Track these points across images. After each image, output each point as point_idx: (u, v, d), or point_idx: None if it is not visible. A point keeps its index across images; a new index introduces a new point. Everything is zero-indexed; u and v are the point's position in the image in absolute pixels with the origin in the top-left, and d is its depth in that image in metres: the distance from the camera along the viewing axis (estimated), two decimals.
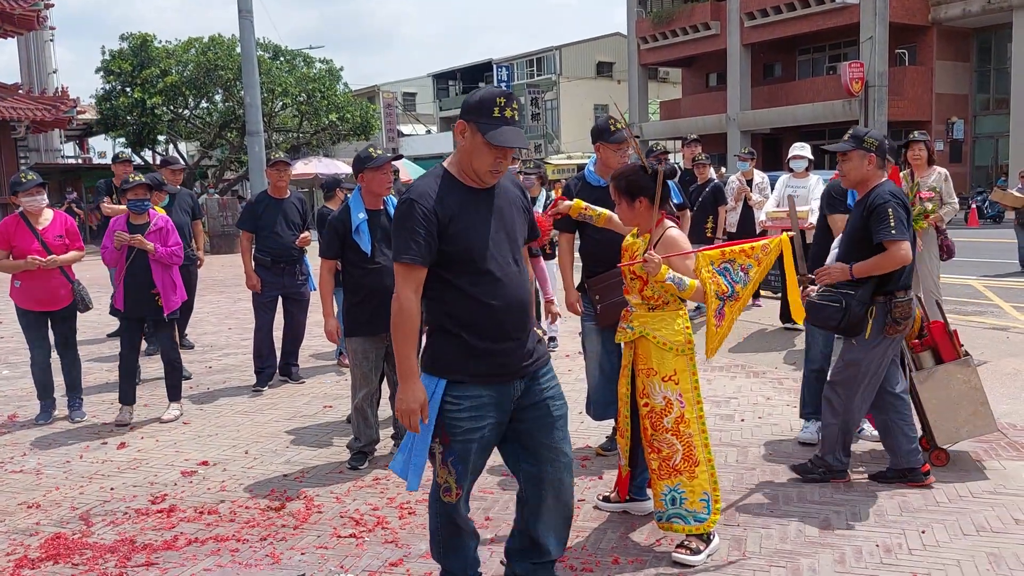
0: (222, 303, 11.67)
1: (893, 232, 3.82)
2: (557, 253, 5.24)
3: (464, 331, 2.71)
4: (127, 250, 5.56)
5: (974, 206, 21.89)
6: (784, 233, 3.71)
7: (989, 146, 28.98)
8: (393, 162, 4.76)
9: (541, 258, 5.34)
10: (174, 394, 5.90)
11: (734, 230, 8.65)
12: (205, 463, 4.86)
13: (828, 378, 4.28)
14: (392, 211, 4.72)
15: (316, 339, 8.05)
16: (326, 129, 30.30)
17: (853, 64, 26.31)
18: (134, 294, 5.62)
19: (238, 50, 20.68)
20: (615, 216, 3.87)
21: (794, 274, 3.82)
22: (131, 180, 5.69)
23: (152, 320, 5.81)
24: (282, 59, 30.26)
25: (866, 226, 3.93)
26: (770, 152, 30.24)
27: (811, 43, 31.33)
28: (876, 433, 4.73)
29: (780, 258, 3.64)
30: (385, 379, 4.87)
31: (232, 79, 27.36)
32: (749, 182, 8.82)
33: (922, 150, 6.97)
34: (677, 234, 3.60)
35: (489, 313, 2.70)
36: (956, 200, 7.10)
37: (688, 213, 6.95)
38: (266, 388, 6.61)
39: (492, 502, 4.10)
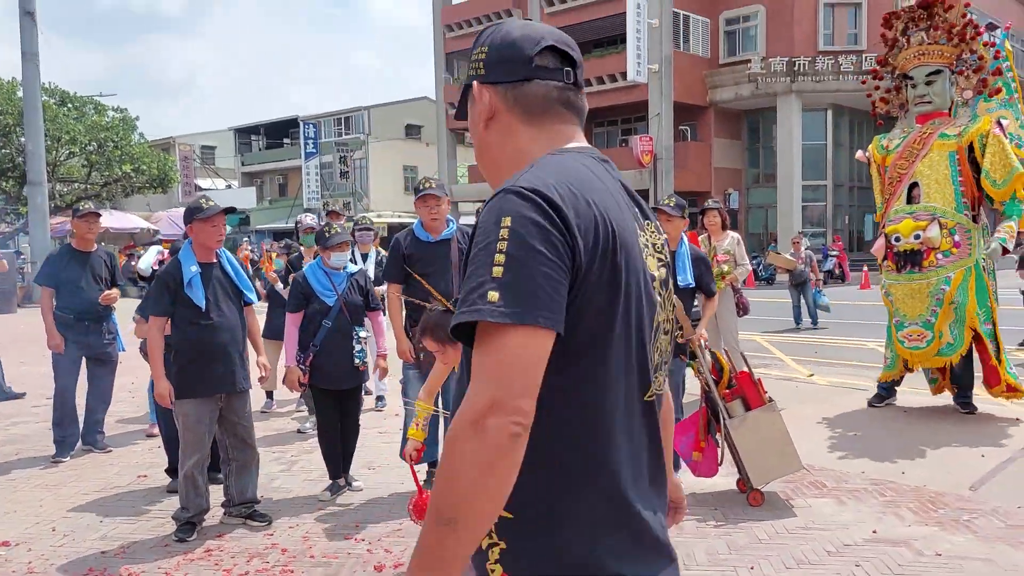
0: (6, 367, 10.47)
1: None
2: (387, 304, 5.38)
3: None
4: None
5: (751, 269, 24.16)
6: None
7: (760, 215, 32.19)
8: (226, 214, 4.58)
9: (380, 312, 5.39)
10: None
11: None
12: (6, 543, 4.34)
13: None
14: (226, 264, 4.55)
15: (122, 404, 7.48)
16: (119, 180, 28.45)
17: (643, 138, 28.45)
18: None
19: (20, 94, 19.08)
20: None
21: None
22: None
23: None
24: (70, 106, 28.24)
25: None
26: None
27: (605, 117, 33.53)
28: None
29: None
30: (217, 444, 4.62)
31: (12, 124, 25.18)
32: None
33: (716, 216, 7.71)
34: None
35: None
36: (748, 261, 7.88)
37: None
38: (68, 458, 6.03)
39: (338, 567, 3.97)
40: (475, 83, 1.42)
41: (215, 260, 4.51)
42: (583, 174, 1.31)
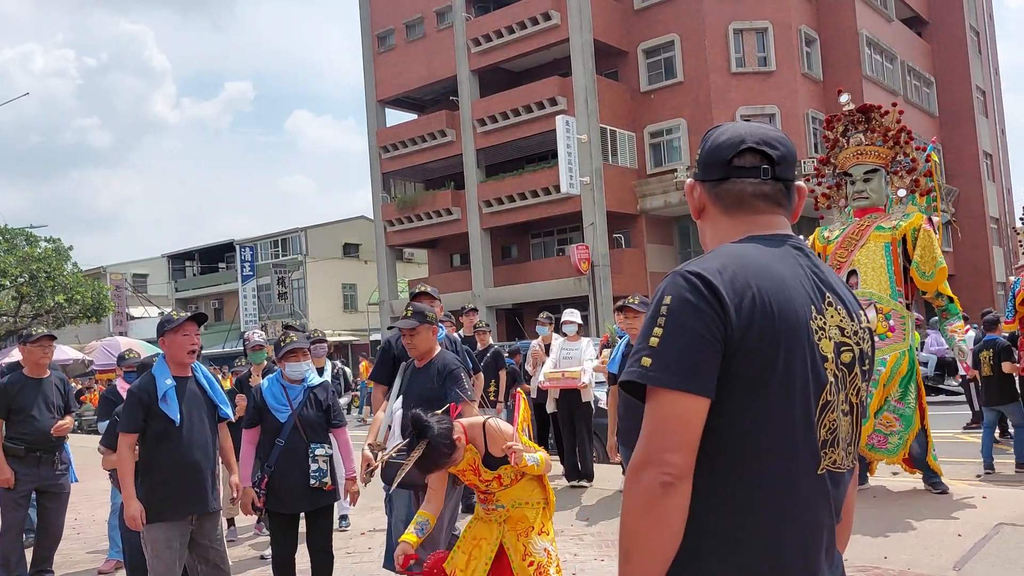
0: None
1: (469, 393, 4.43)
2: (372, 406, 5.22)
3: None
4: None
5: None
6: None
7: None
8: (194, 324, 4.48)
9: (345, 429, 5.13)
10: None
11: (534, 395, 8.75)
12: None
13: None
14: (201, 378, 4.41)
15: (68, 541, 7.03)
16: (51, 311, 27.65)
17: (580, 247, 29.14)
18: None
19: None
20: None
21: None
22: None
23: None
24: (0, 239, 27.64)
25: (443, 385, 4.41)
26: (513, 324, 31.98)
27: (542, 228, 34.33)
28: None
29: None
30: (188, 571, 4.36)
31: None
32: (547, 346, 8.98)
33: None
34: (495, 422, 3.59)
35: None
36: None
37: (481, 376, 7.34)
38: None
39: None
40: (689, 179, 1.67)
41: (190, 374, 4.37)
42: (754, 260, 1.49)
